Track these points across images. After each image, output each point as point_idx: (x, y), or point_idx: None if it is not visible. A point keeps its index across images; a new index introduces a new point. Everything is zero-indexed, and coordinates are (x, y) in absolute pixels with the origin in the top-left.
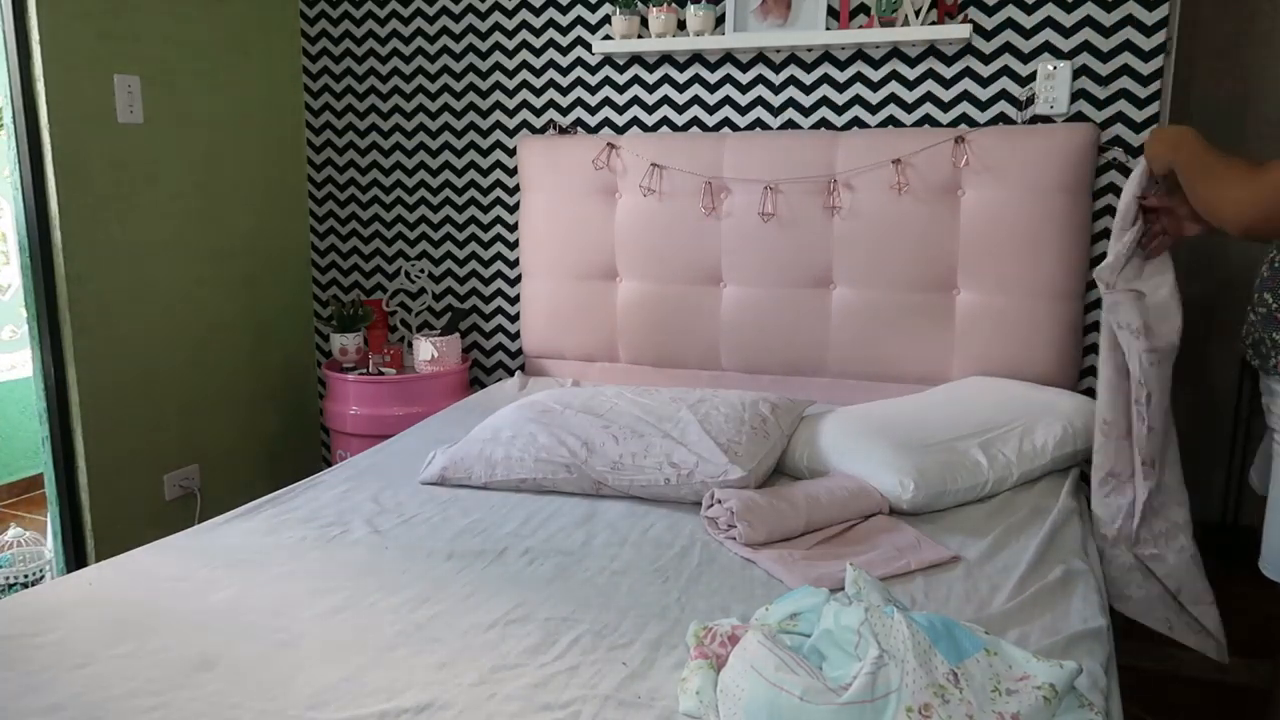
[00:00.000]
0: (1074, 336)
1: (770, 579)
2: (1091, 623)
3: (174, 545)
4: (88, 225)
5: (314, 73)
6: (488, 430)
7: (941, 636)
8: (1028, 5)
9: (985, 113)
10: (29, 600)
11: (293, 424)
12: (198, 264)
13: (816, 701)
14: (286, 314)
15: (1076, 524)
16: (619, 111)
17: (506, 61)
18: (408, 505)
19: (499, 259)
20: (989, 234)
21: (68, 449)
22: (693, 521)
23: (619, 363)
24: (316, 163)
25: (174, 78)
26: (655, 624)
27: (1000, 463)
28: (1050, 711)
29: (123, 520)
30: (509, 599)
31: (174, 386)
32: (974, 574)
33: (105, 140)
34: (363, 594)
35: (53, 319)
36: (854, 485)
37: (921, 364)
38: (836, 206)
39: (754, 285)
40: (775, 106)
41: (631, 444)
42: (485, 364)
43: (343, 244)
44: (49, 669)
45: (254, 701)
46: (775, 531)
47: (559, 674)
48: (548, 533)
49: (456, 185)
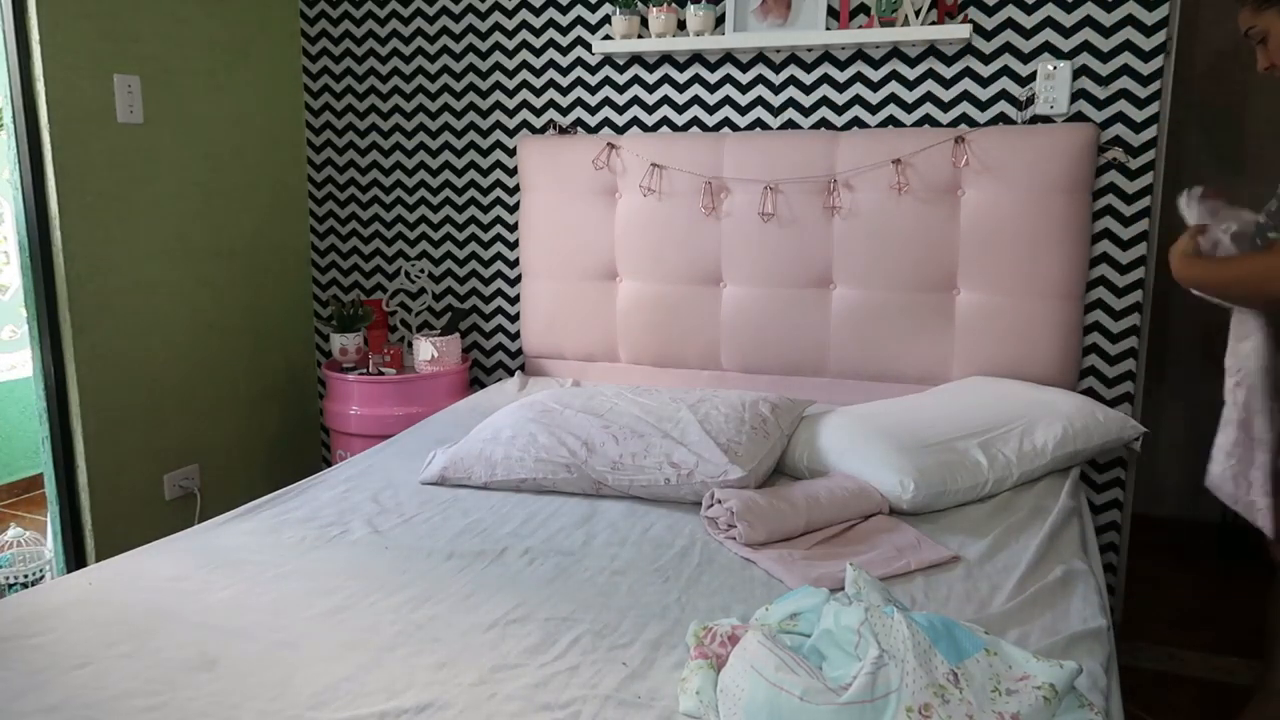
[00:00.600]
0: (1074, 336)
1: (770, 579)
2: (1091, 623)
3: (174, 545)
4: (88, 225)
5: (314, 73)
6: (488, 430)
7: (941, 636)
8: (1028, 5)
9: (985, 113)
10: (29, 600)
11: (293, 424)
12: (198, 264)
13: (816, 701)
14: (286, 314)
15: (1076, 524)
16: (619, 111)
17: (506, 61)
18: (408, 505)
19: (499, 259)
20: (989, 234)
21: (68, 449)
22: (693, 521)
23: (619, 363)
24: (316, 163)
25: (174, 78)
26: (655, 624)
27: (1000, 462)
28: (1050, 711)
29: (123, 520)
30: (509, 599)
31: (174, 386)
32: (974, 574)
33: (105, 140)
34: (363, 594)
35: (53, 319)
36: (854, 485)
37: (921, 364)
38: (836, 206)
39: (754, 285)
40: (775, 106)
41: (632, 444)
42: (485, 364)
43: (343, 244)
44: (48, 669)
45: (254, 701)
46: (775, 532)
47: (559, 674)
48: (548, 533)
49: (456, 185)
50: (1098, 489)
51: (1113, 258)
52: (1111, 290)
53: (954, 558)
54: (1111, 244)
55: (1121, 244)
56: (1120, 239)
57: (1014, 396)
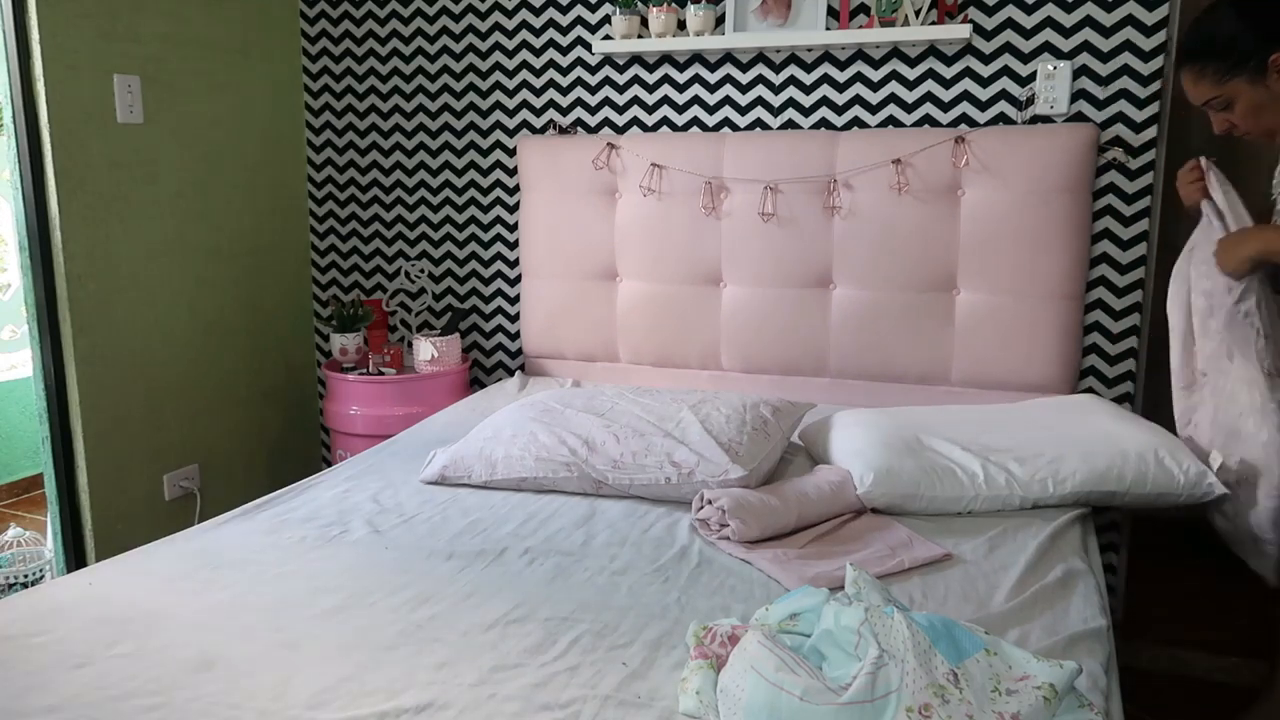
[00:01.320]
0: (1074, 336)
1: (770, 578)
2: (1091, 623)
3: (174, 545)
4: (88, 225)
5: (314, 73)
6: (488, 429)
7: (941, 637)
8: (1028, 5)
9: (985, 113)
10: (29, 600)
11: (293, 424)
12: (197, 264)
13: (817, 701)
14: (286, 314)
15: (1077, 524)
16: (619, 111)
17: (506, 61)
18: (408, 505)
19: (499, 259)
20: (989, 234)
21: (68, 449)
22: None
23: (619, 363)
24: (316, 163)
25: (174, 78)
26: (655, 624)
27: (1001, 481)
28: (1050, 711)
29: (123, 520)
30: (509, 599)
31: (174, 386)
32: (973, 574)
33: (105, 140)
34: (363, 594)
35: (53, 319)
36: (836, 479)
37: (921, 364)
38: (836, 206)
39: (754, 285)
40: (775, 106)
41: (633, 443)
42: (485, 364)
43: (343, 244)
44: (48, 669)
45: (254, 701)
46: (769, 528)
47: (559, 674)
48: (548, 533)
49: (456, 185)
50: None
51: (1113, 258)
52: (1111, 290)
53: (946, 555)
54: (1111, 244)
55: (1121, 244)
56: (1120, 239)
57: (1089, 423)
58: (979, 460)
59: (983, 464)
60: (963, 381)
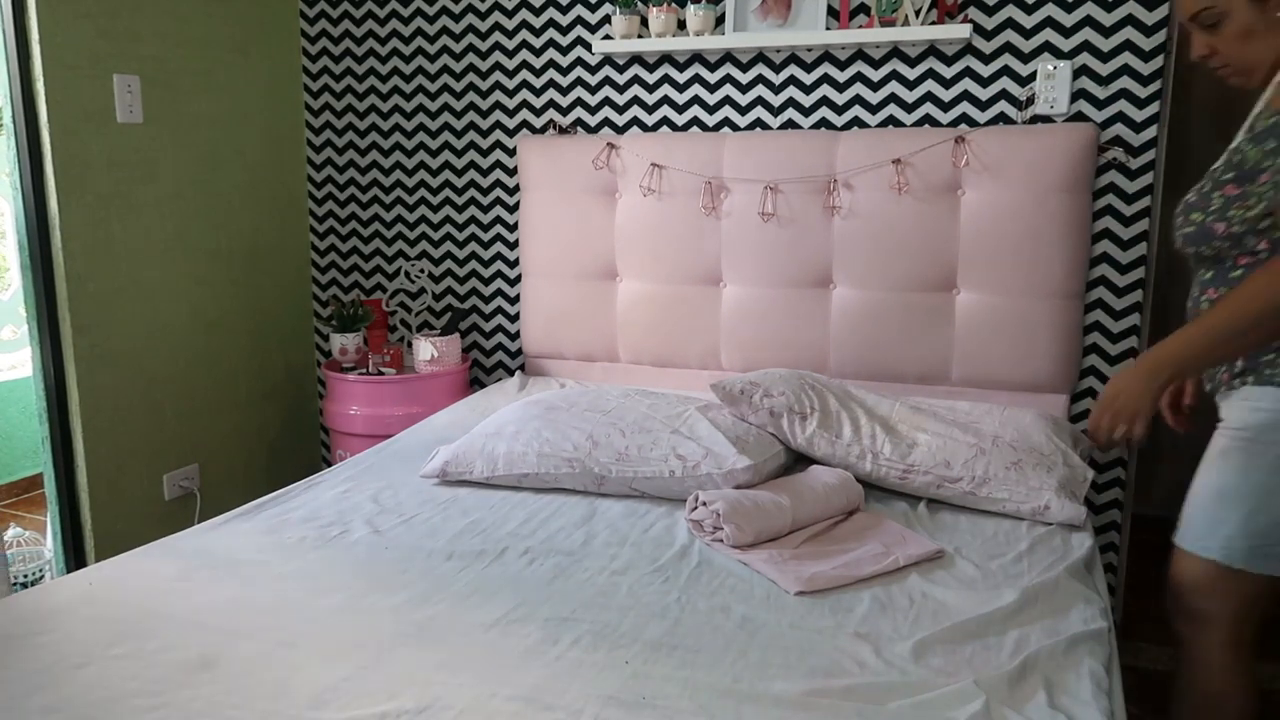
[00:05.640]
0: (1074, 336)
1: (769, 579)
2: (1092, 623)
3: (174, 545)
4: (87, 225)
5: (314, 73)
6: (491, 425)
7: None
8: (1028, 5)
9: (985, 113)
10: (29, 600)
11: (293, 424)
12: (197, 264)
13: None
14: (286, 314)
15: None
16: (619, 111)
17: (506, 61)
18: (408, 505)
19: (499, 259)
20: (989, 234)
21: (68, 449)
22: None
23: (619, 363)
24: (316, 163)
25: (174, 78)
26: (655, 624)
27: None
28: None
29: (123, 520)
30: (509, 599)
31: (174, 386)
32: (973, 574)
33: (105, 140)
34: (363, 594)
35: (53, 319)
36: (834, 479)
37: (921, 363)
38: (836, 206)
39: (754, 285)
40: (775, 106)
41: (638, 437)
42: (485, 364)
43: (343, 244)
44: (48, 669)
45: (254, 701)
46: (763, 532)
47: (559, 674)
48: (548, 532)
49: (456, 185)
50: (1098, 489)
51: (1113, 258)
52: (1111, 290)
53: (939, 551)
54: (1111, 244)
55: (1121, 244)
56: (1120, 239)
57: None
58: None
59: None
60: (963, 381)
